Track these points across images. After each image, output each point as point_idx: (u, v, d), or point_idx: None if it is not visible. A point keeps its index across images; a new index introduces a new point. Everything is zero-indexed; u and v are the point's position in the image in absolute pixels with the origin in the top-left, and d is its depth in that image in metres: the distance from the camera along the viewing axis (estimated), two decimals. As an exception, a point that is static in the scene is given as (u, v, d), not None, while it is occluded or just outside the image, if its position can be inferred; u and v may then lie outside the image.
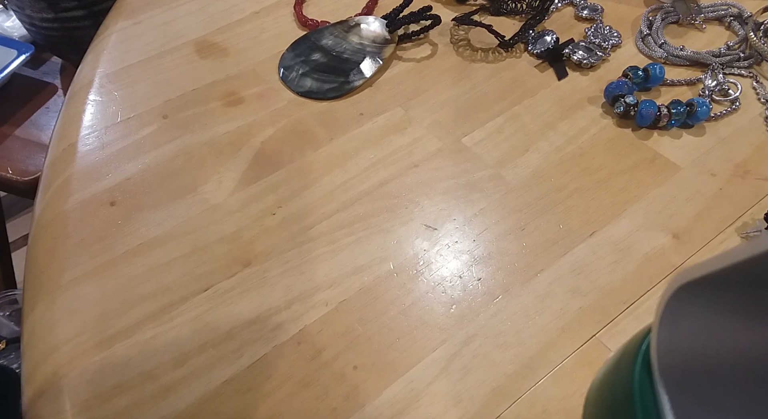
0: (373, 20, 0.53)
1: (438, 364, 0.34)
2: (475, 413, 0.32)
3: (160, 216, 0.41)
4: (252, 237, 0.40)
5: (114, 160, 0.44)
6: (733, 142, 0.45)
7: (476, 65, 0.51)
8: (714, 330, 0.19)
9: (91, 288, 0.37)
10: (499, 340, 0.35)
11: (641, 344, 0.22)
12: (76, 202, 0.41)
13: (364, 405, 0.33)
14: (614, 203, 0.41)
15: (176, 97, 0.48)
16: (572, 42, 0.51)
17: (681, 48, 0.50)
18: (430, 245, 0.39)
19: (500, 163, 0.44)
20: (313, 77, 0.50)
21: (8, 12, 0.98)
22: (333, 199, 0.42)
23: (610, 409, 0.24)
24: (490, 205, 0.41)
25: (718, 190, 0.42)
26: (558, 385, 0.33)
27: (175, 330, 0.35)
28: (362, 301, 0.37)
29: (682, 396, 0.19)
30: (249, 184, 0.43)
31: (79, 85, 0.50)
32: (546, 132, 0.46)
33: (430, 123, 0.46)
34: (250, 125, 0.46)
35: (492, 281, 0.38)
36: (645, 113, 0.45)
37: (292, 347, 0.35)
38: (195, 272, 0.38)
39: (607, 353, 0.34)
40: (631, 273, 0.38)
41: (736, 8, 0.54)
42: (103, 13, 0.60)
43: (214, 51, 0.52)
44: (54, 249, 0.39)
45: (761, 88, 0.48)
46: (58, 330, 0.35)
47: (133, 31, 0.54)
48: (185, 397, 0.33)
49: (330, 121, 0.47)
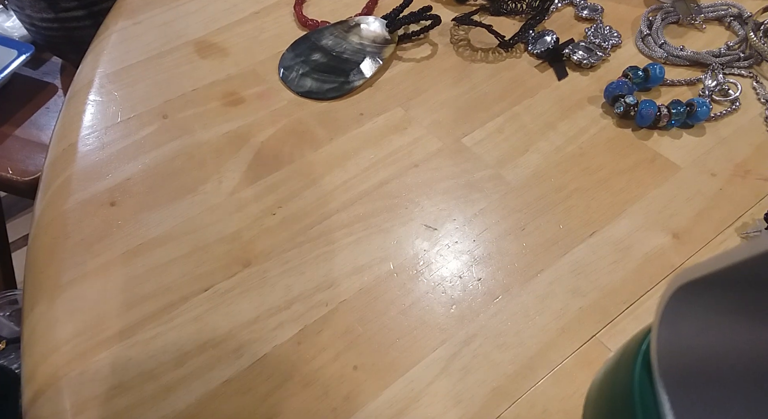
0: (373, 20, 0.53)
1: (438, 364, 0.34)
2: (475, 413, 0.32)
3: (160, 216, 0.41)
4: (252, 237, 0.40)
5: (114, 160, 0.44)
6: (733, 142, 0.45)
7: (476, 65, 0.51)
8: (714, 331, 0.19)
9: (91, 288, 0.37)
10: (499, 340, 0.35)
11: (641, 344, 0.22)
12: (76, 202, 0.41)
13: (364, 405, 0.33)
14: (614, 203, 0.41)
15: (176, 97, 0.48)
16: (572, 42, 0.51)
17: (681, 48, 0.50)
18: (430, 245, 0.39)
19: (500, 163, 0.44)
20: (313, 77, 0.50)
21: (8, 12, 0.98)
22: (333, 199, 0.42)
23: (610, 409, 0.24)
24: (490, 205, 0.41)
25: (718, 190, 0.42)
26: (558, 385, 0.33)
27: (175, 330, 0.35)
28: (362, 301, 0.37)
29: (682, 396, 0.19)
30: (249, 184, 0.43)
31: (79, 85, 0.50)
32: (546, 132, 0.46)
33: (430, 123, 0.46)
34: (250, 125, 0.46)
35: (492, 281, 0.38)
36: (645, 113, 0.45)
37: (292, 347, 0.35)
38: (195, 272, 0.38)
39: (607, 353, 0.34)
40: (631, 273, 0.38)
41: (736, 8, 0.54)
42: (103, 13, 0.60)
43: (214, 51, 0.52)
44: (54, 249, 0.39)
45: (761, 88, 0.48)
46: (58, 330, 0.35)
47: (133, 31, 0.54)
48: (185, 397, 0.33)
49: (330, 121, 0.47)
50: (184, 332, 0.35)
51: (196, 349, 0.35)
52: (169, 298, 0.37)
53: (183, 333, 0.35)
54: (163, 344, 0.35)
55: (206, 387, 0.33)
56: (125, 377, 0.33)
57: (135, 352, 0.34)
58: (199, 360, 0.34)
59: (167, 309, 0.36)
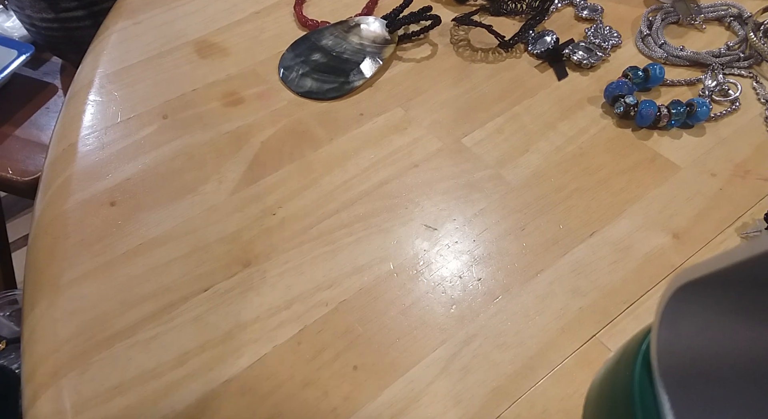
0: (373, 20, 0.53)
1: (438, 364, 0.34)
2: (475, 413, 0.32)
3: (160, 216, 0.41)
4: (252, 237, 0.40)
5: (114, 160, 0.44)
6: (733, 142, 0.45)
7: (476, 65, 0.51)
8: (714, 331, 0.19)
9: (91, 288, 0.37)
10: (499, 340, 0.35)
11: (641, 344, 0.22)
12: (76, 202, 0.41)
13: (364, 405, 0.33)
14: (614, 203, 0.41)
15: (176, 97, 0.48)
16: (572, 42, 0.51)
17: (681, 48, 0.50)
18: (430, 245, 0.39)
19: (500, 163, 0.44)
20: (313, 77, 0.50)
21: (8, 12, 0.98)
22: (333, 199, 0.42)
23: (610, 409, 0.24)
24: (490, 205, 0.41)
25: (718, 190, 0.42)
26: (558, 385, 0.33)
27: (175, 330, 0.35)
28: (362, 301, 0.37)
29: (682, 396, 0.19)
30: (249, 184, 0.43)
31: (79, 85, 0.50)
32: (546, 132, 0.46)
33: (430, 123, 0.46)
34: (250, 125, 0.46)
35: (492, 281, 0.38)
36: (645, 113, 0.45)
37: (292, 347, 0.35)
38: (195, 272, 0.38)
39: (607, 353, 0.34)
40: (631, 273, 0.38)
41: (736, 8, 0.54)
42: (103, 13, 0.60)
43: (214, 51, 0.52)
44: (54, 249, 0.39)
45: (761, 88, 0.48)
46: (58, 330, 0.35)
47: (133, 31, 0.54)
48: (185, 397, 0.33)
49: (330, 121, 0.47)
50: (184, 332, 0.35)
51: (196, 349, 0.35)
52: (169, 298, 0.37)
53: (183, 333, 0.35)
54: (163, 344, 0.35)
55: (206, 387, 0.33)
56: (125, 377, 0.33)
57: (135, 352, 0.34)
58: (199, 360, 0.34)
59: (167, 309, 0.36)
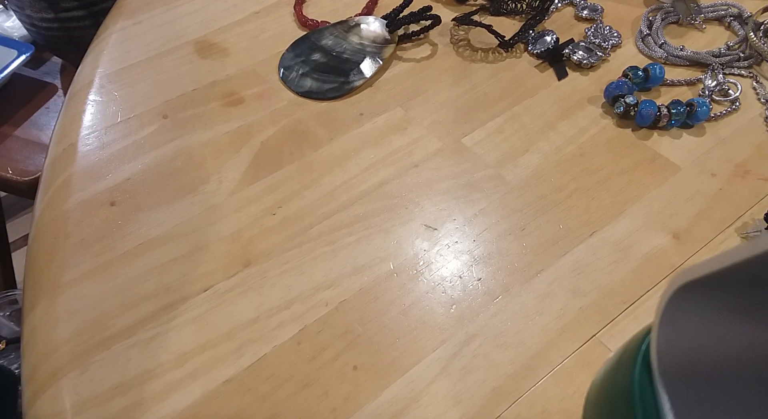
0: (373, 20, 0.53)
1: (438, 364, 0.34)
2: (475, 413, 0.32)
3: (160, 217, 0.41)
4: (252, 237, 0.40)
5: (114, 160, 0.44)
6: (733, 142, 0.45)
7: (476, 65, 0.51)
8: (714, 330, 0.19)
9: (91, 288, 0.37)
10: (499, 340, 0.35)
11: (641, 344, 0.22)
12: (76, 202, 0.41)
13: (364, 405, 0.33)
14: (614, 203, 0.41)
15: (176, 97, 0.48)
16: (572, 42, 0.51)
17: (681, 48, 0.50)
18: (430, 245, 0.39)
19: (500, 163, 0.44)
20: (313, 77, 0.50)
21: (8, 12, 0.98)
22: (333, 199, 0.42)
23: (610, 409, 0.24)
24: (490, 205, 0.41)
25: (718, 190, 0.42)
26: (558, 385, 0.33)
27: (175, 330, 0.35)
28: (362, 301, 0.37)
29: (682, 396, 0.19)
30: (249, 184, 0.43)
31: (79, 85, 0.50)
32: (546, 132, 0.46)
33: (430, 123, 0.46)
34: (250, 125, 0.46)
35: (492, 281, 0.38)
36: (645, 113, 0.45)
37: (292, 347, 0.35)
38: (195, 272, 0.38)
39: (607, 353, 0.34)
40: (631, 273, 0.38)
41: (736, 8, 0.54)
42: (103, 13, 0.60)
43: (214, 51, 0.52)
44: (54, 249, 0.39)
45: (761, 88, 0.48)
46: (58, 330, 0.35)
47: (133, 31, 0.54)
48: (185, 397, 0.33)
49: (330, 121, 0.47)
50: (184, 332, 0.35)
51: (196, 349, 0.35)
52: (169, 298, 0.37)
53: (183, 333, 0.35)
54: (163, 344, 0.35)
55: (206, 387, 0.33)
56: (125, 377, 0.33)
57: (135, 352, 0.34)
58: (199, 360, 0.34)
59: (167, 309, 0.36)
